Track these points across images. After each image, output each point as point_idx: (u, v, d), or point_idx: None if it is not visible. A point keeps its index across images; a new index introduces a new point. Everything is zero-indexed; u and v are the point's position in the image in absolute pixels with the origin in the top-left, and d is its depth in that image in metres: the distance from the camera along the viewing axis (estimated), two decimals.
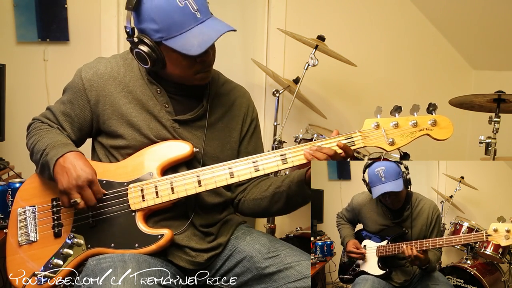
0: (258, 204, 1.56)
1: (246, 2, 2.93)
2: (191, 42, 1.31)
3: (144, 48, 1.35)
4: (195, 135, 1.50)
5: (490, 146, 2.08)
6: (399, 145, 1.34)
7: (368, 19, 2.98)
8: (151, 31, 1.34)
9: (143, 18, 1.34)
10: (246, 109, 1.62)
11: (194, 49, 1.31)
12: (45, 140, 1.43)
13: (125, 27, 1.38)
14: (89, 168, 1.35)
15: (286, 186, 1.49)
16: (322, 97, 2.97)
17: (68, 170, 1.34)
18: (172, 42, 1.32)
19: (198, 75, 1.43)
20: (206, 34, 1.32)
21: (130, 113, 1.46)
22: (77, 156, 1.37)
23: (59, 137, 1.45)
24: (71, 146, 1.42)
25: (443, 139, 1.33)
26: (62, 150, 1.37)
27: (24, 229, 1.45)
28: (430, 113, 1.34)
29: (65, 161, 1.35)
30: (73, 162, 1.35)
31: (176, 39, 1.32)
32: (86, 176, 1.33)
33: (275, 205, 1.52)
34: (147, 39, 1.35)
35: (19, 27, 2.62)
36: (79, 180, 1.33)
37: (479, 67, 3.10)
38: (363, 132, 1.36)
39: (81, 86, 1.47)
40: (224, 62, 1.89)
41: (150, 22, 1.33)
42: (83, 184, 1.33)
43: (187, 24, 1.32)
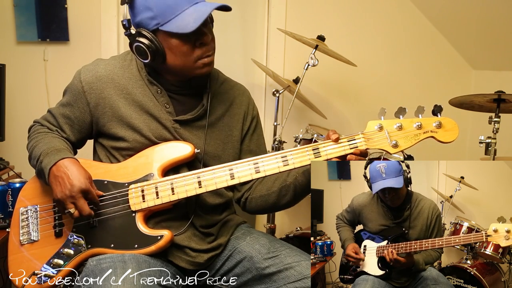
0: (266, 200, 1.55)
1: (246, 2, 2.93)
2: (187, 20, 1.32)
3: (143, 39, 1.36)
4: (196, 135, 1.50)
5: (490, 146, 2.08)
6: (402, 147, 1.32)
7: (368, 19, 2.98)
8: (147, 20, 1.35)
9: (138, 10, 1.35)
10: (246, 107, 1.61)
11: (190, 25, 1.31)
12: (40, 146, 1.43)
13: (122, 21, 1.38)
14: (82, 176, 1.34)
15: (292, 178, 1.49)
16: (322, 97, 2.97)
17: (61, 180, 1.33)
18: (168, 26, 1.33)
19: (200, 61, 1.40)
20: (201, 10, 1.34)
21: (130, 116, 1.46)
22: (70, 163, 1.36)
23: (53, 143, 1.44)
24: (64, 152, 1.40)
25: (448, 142, 1.30)
26: (54, 158, 1.37)
27: (26, 229, 1.45)
28: (435, 115, 1.31)
29: (58, 170, 1.35)
30: (66, 171, 1.34)
31: (171, 22, 1.33)
32: (79, 185, 1.32)
33: (283, 199, 1.52)
34: (145, 30, 1.36)
35: (19, 27, 2.62)
36: (73, 191, 1.32)
37: (479, 67, 3.10)
38: (366, 134, 1.35)
39: (80, 89, 1.47)
40: (224, 62, 1.89)
41: (145, 11, 1.34)
42: (76, 195, 1.32)
43: (181, 6, 1.33)
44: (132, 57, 1.50)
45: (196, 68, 1.42)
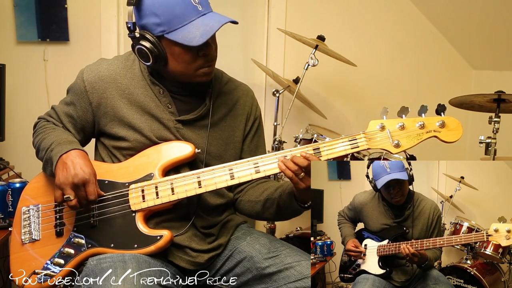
0: (252, 207, 1.56)
1: (246, 2, 2.93)
2: (193, 33, 1.31)
3: (146, 43, 1.35)
4: (198, 134, 1.50)
5: (490, 146, 2.08)
6: (404, 147, 1.29)
7: (368, 19, 2.98)
8: (153, 26, 1.34)
9: (144, 14, 1.34)
10: (250, 108, 1.61)
11: (197, 39, 1.31)
12: (51, 137, 1.44)
13: (127, 23, 1.37)
14: (88, 168, 1.36)
15: (278, 194, 1.48)
16: (322, 97, 2.97)
17: (67, 167, 1.34)
18: (173, 35, 1.32)
19: (201, 70, 1.41)
20: (208, 25, 1.33)
21: (131, 116, 1.46)
22: (80, 155, 1.38)
23: (65, 135, 1.46)
24: (76, 144, 1.43)
25: (452, 141, 1.27)
26: (66, 147, 1.38)
27: (28, 228, 1.45)
28: (438, 114, 1.28)
29: (67, 158, 1.36)
30: (74, 160, 1.35)
31: (177, 31, 1.32)
32: (83, 175, 1.33)
33: (266, 211, 1.52)
34: (149, 34, 1.35)
35: (19, 27, 2.62)
36: (76, 178, 1.33)
37: (479, 67, 3.10)
38: (368, 134, 1.33)
39: (83, 88, 1.47)
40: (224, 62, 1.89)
41: (151, 16, 1.33)
42: (78, 183, 1.33)
43: (189, 16, 1.32)
44: (135, 57, 1.50)
45: (196, 76, 1.43)
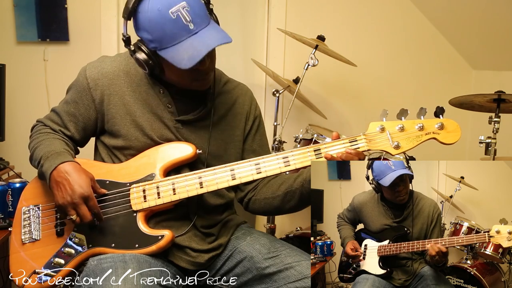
0: (270, 203, 1.55)
1: (246, 2, 2.93)
2: (181, 55, 1.30)
3: (141, 56, 1.36)
4: (198, 135, 1.50)
5: (490, 146, 2.08)
6: (404, 149, 1.31)
7: (368, 19, 2.98)
8: (147, 40, 1.35)
9: (138, 28, 1.36)
10: (249, 107, 1.61)
11: (184, 63, 1.30)
12: (41, 148, 1.43)
13: (122, 34, 1.38)
14: (83, 181, 1.34)
15: (299, 184, 1.47)
16: (322, 97, 2.97)
17: (62, 186, 1.33)
18: (164, 53, 1.32)
19: (195, 82, 1.42)
20: (197, 48, 1.30)
21: (135, 112, 1.46)
22: (71, 168, 1.36)
23: (54, 145, 1.44)
24: (64, 156, 1.40)
25: (450, 143, 1.29)
26: (54, 162, 1.36)
27: (28, 228, 1.45)
28: (437, 116, 1.30)
29: (59, 175, 1.35)
30: (67, 176, 1.34)
31: (168, 50, 1.32)
32: (80, 192, 1.32)
33: (287, 204, 1.52)
34: (144, 46, 1.36)
35: (19, 27, 2.62)
36: (74, 197, 1.32)
37: (479, 67, 3.10)
38: (368, 135, 1.34)
39: (86, 85, 1.47)
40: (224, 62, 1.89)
41: (144, 32, 1.34)
42: (77, 201, 1.32)
43: (179, 36, 1.30)
44: None
45: (192, 86, 1.44)
